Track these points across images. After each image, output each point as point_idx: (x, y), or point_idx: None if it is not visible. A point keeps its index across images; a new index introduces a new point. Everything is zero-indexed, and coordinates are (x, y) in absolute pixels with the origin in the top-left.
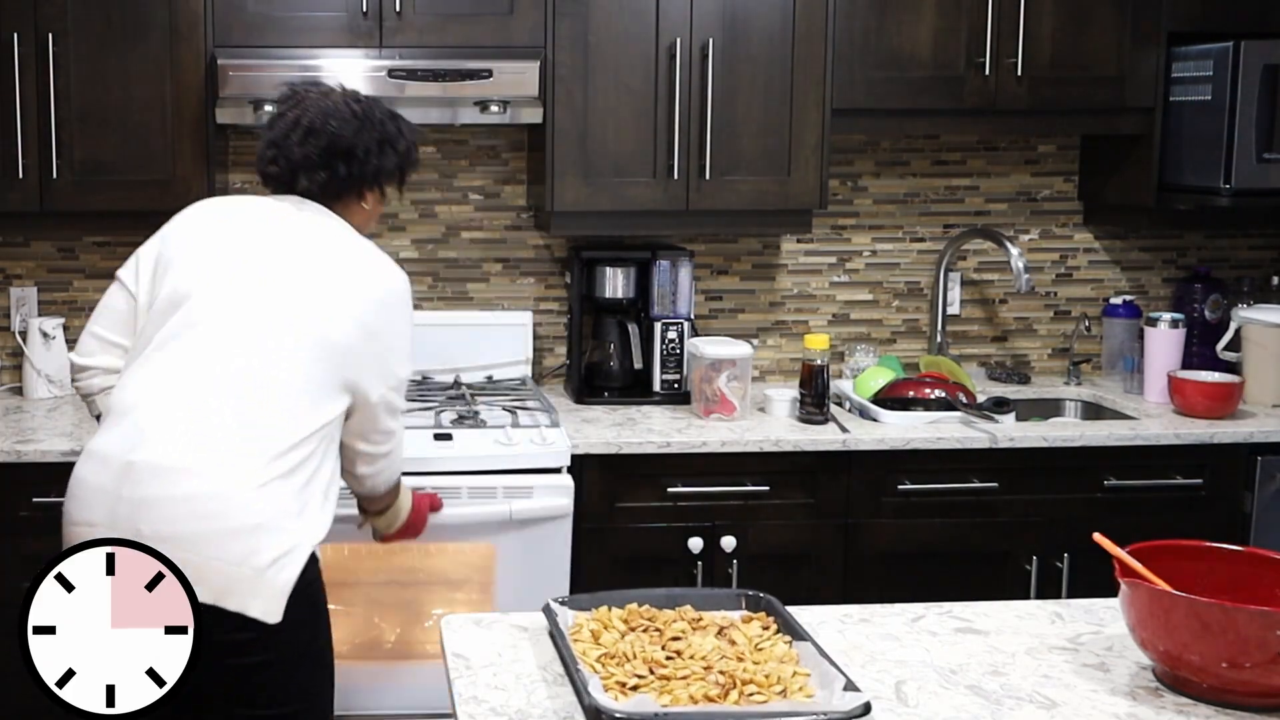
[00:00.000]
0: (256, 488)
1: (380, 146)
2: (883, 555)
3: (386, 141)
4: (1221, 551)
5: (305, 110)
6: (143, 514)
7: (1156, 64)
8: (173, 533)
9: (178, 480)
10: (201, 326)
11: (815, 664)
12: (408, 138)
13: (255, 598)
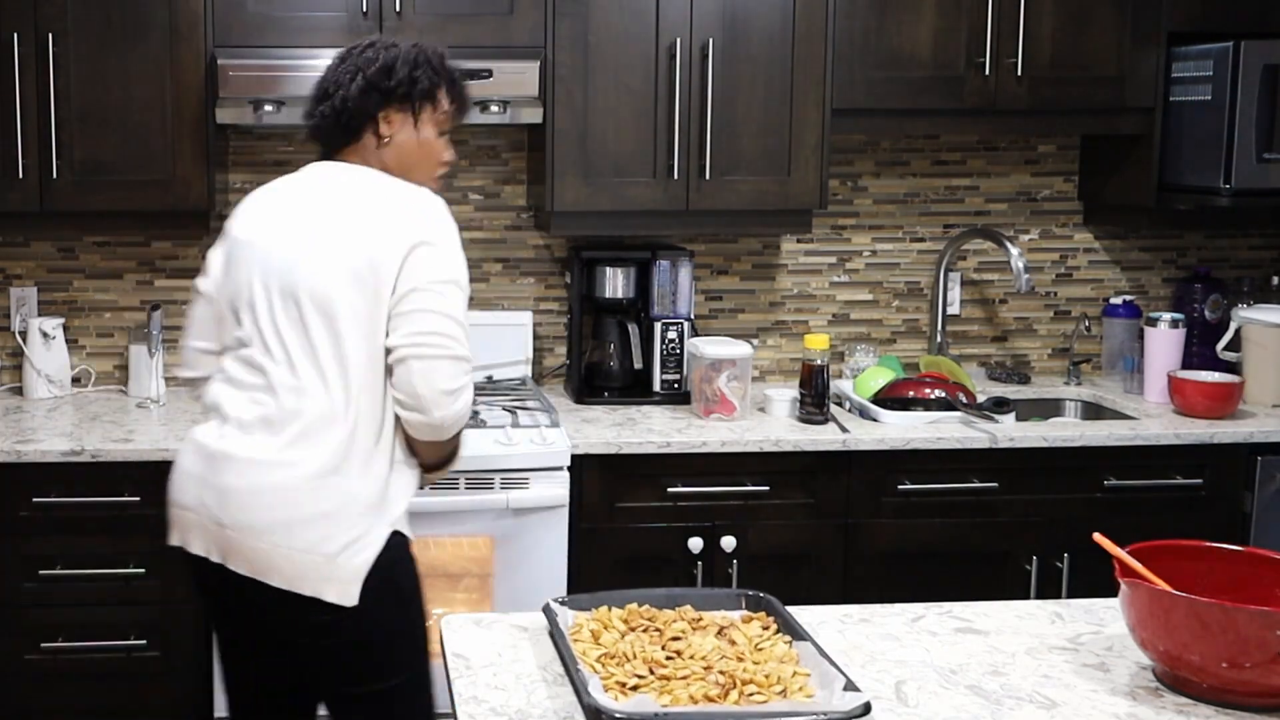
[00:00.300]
0: (323, 476)
1: (354, 77)
2: (883, 555)
3: (360, 71)
4: (1221, 551)
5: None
6: (222, 503)
7: (1156, 64)
8: (247, 522)
9: (250, 472)
10: (263, 321)
11: (815, 664)
12: (404, 60)
13: (329, 582)
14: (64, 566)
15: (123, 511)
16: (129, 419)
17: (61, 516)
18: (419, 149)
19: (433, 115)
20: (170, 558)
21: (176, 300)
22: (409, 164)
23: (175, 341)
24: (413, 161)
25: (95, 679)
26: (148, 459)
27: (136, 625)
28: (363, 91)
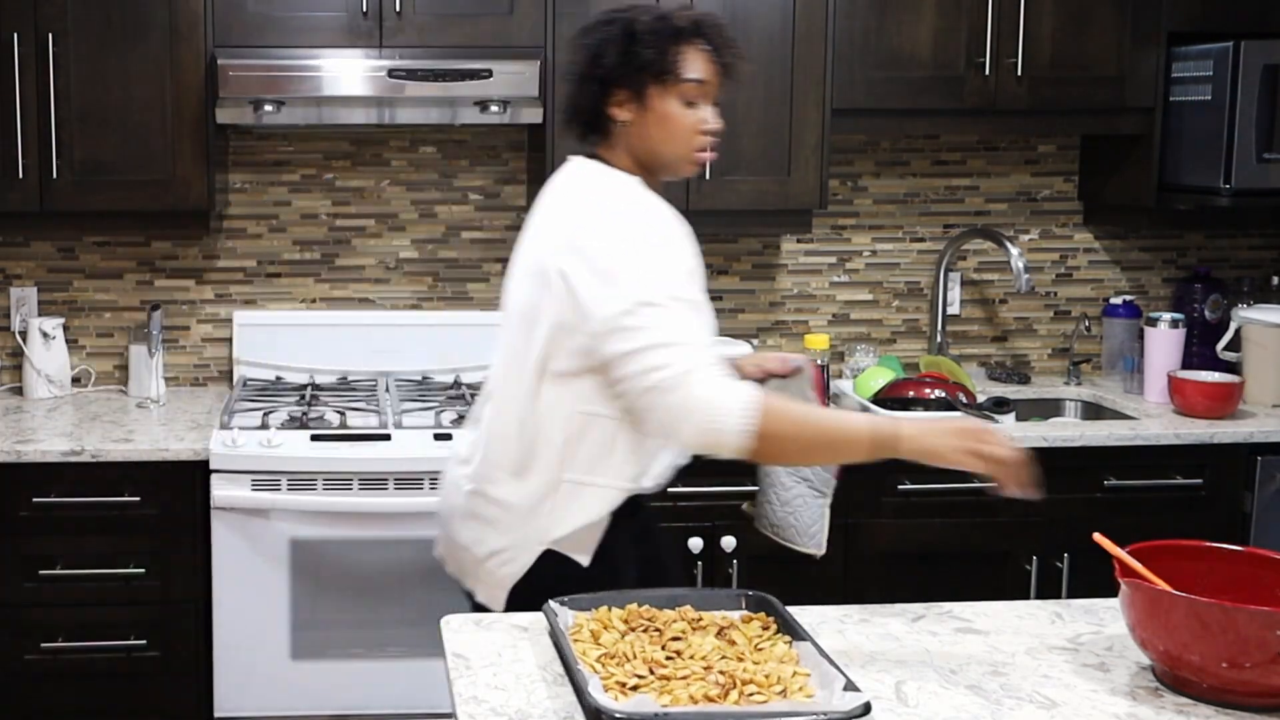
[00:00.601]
0: (478, 481)
1: (590, 53)
2: (883, 555)
3: (590, 49)
4: (1221, 551)
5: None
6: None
7: (1156, 64)
8: (441, 508)
9: (454, 465)
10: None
11: (815, 664)
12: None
13: (480, 584)
14: (64, 566)
15: (123, 511)
16: (129, 419)
17: (61, 516)
18: (659, 127)
19: (666, 88)
20: (170, 557)
21: (176, 300)
22: (652, 147)
23: (175, 341)
24: (654, 144)
25: (95, 679)
26: (148, 459)
27: (136, 625)
28: (579, 87)
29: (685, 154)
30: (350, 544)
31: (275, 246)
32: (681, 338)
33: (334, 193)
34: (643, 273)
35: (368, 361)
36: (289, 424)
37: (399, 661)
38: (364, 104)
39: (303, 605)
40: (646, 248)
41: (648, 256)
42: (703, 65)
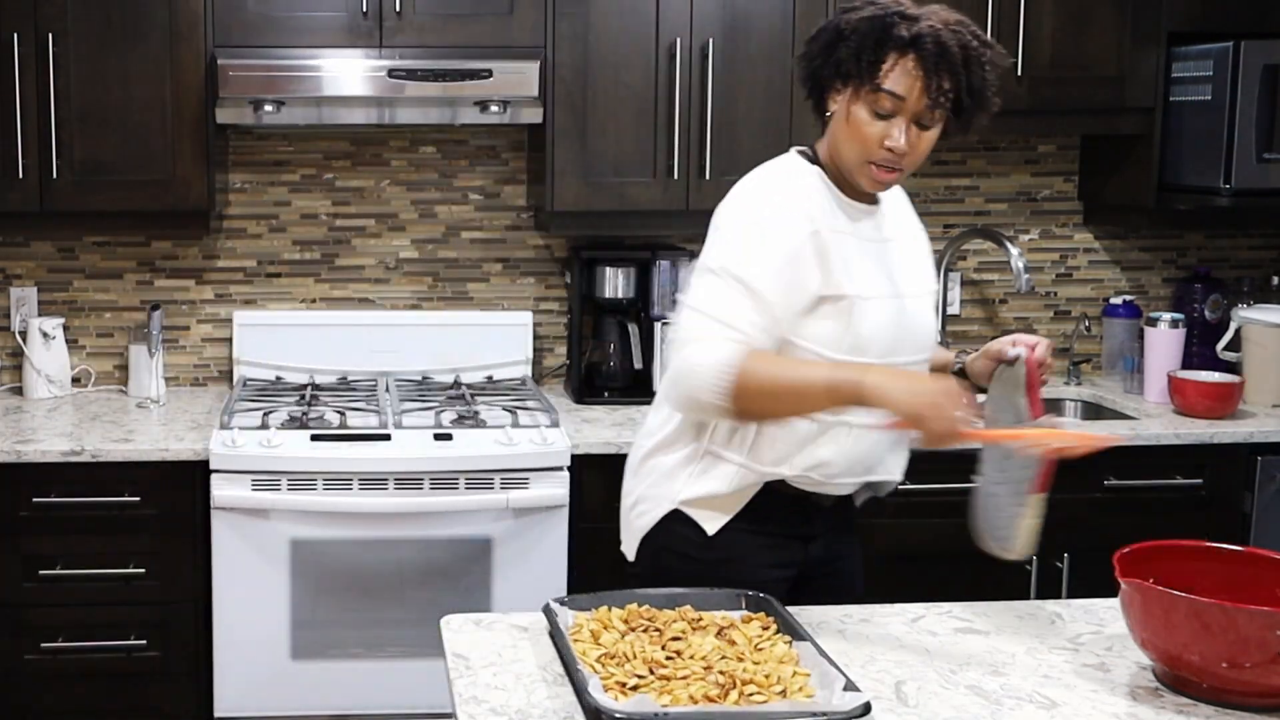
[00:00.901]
0: (640, 439)
1: (812, 38)
2: (883, 555)
3: (813, 40)
4: (1221, 551)
5: None
6: None
7: (1156, 64)
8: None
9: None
10: None
11: (815, 664)
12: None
13: (624, 532)
14: (64, 566)
15: (123, 511)
16: (129, 419)
17: (61, 516)
18: (843, 130)
19: (858, 92)
20: (170, 557)
21: (176, 300)
22: (837, 147)
23: (175, 341)
24: (838, 145)
25: (95, 679)
26: (148, 459)
27: (136, 625)
28: (806, 67)
29: (859, 164)
30: (350, 544)
31: (275, 246)
32: (711, 308)
33: (334, 193)
34: (725, 244)
35: (368, 361)
36: (289, 424)
37: (399, 661)
38: (364, 104)
39: (303, 605)
40: (742, 224)
41: (738, 232)
42: (905, 81)
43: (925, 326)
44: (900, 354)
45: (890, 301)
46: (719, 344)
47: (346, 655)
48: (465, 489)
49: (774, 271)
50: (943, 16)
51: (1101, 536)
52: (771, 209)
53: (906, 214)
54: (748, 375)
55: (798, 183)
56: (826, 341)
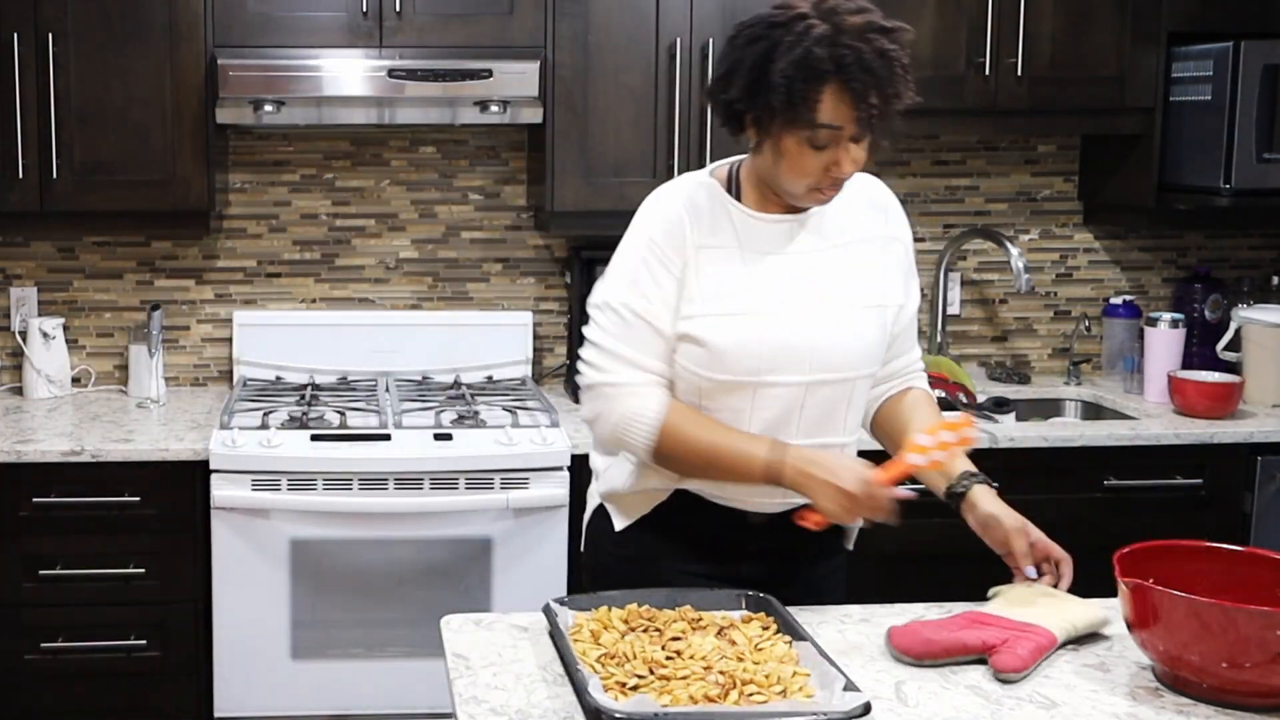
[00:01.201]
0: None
1: (724, 70)
2: (883, 555)
3: (726, 65)
4: (1221, 551)
5: None
6: None
7: (1156, 64)
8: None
9: None
10: None
11: (815, 664)
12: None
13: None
14: (64, 566)
15: (123, 511)
16: (129, 419)
17: (61, 516)
18: (779, 163)
19: (795, 129)
20: (170, 557)
21: (176, 300)
22: (770, 175)
23: (175, 341)
24: (772, 174)
25: (95, 679)
26: (148, 459)
27: (136, 625)
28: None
29: (801, 192)
30: (350, 544)
31: (275, 246)
32: (620, 347)
33: (334, 193)
34: (610, 276)
35: (368, 361)
36: (289, 424)
37: (399, 661)
38: (364, 104)
39: (303, 605)
40: (625, 255)
41: (621, 263)
42: (840, 110)
43: (836, 343)
44: (782, 372)
45: (762, 319)
46: (639, 395)
47: (346, 655)
48: (465, 489)
49: (662, 303)
50: (850, 23)
51: (1101, 536)
52: (649, 235)
53: (861, 218)
54: (670, 437)
55: (676, 205)
56: (692, 359)
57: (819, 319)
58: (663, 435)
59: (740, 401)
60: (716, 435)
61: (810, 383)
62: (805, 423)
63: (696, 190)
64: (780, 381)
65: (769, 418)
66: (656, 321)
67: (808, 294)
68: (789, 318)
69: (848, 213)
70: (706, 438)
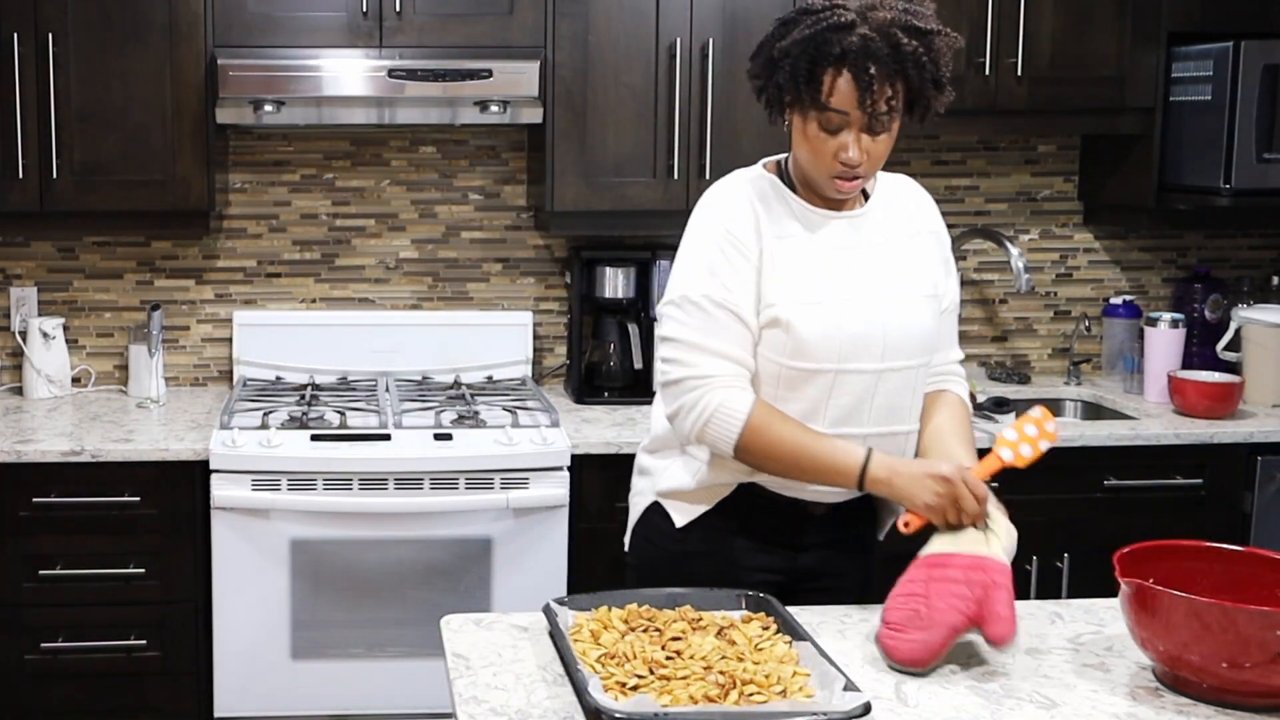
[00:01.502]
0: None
1: (752, 60)
2: (883, 555)
3: (754, 59)
4: (1221, 551)
5: None
6: None
7: (1156, 64)
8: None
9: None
10: None
11: (815, 664)
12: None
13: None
14: (64, 566)
15: (123, 511)
16: (129, 419)
17: (61, 516)
18: (800, 146)
19: (804, 112)
20: (170, 557)
21: (176, 300)
22: (798, 160)
23: (175, 341)
24: (799, 158)
25: (95, 679)
26: (148, 459)
27: (136, 625)
28: (764, 88)
29: (821, 177)
30: (350, 544)
31: (275, 246)
32: (694, 338)
33: (334, 193)
34: (683, 271)
35: (368, 361)
36: (289, 424)
37: (399, 661)
38: (364, 104)
39: (303, 605)
40: (697, 248)
41: (693, 256)
42: (845, 96)
43: (904, 331)
44: (859, 360)
45: (839, 306)
46: (726, 390)
47: (346, 655)
48: (465, 489)
49: (743, 292)
50: (879, 18)
51: (1101, 536)
52: (722, 226)
53: (907, 214)
54: (758, 434)
55: (744, 198)
56: (774, 347)
57: (888, 308)
58: (750, 432)
59: (819, 390)
60: (805, 436)
61: (883, 370)
62: (876, 410)
63: (759, 182)
64: (857, 369)
65: (845, 404)
66: (740, 310)
67: (875, 283)
68: (863, 305)
69: (892, 209)
70: (794, 437)
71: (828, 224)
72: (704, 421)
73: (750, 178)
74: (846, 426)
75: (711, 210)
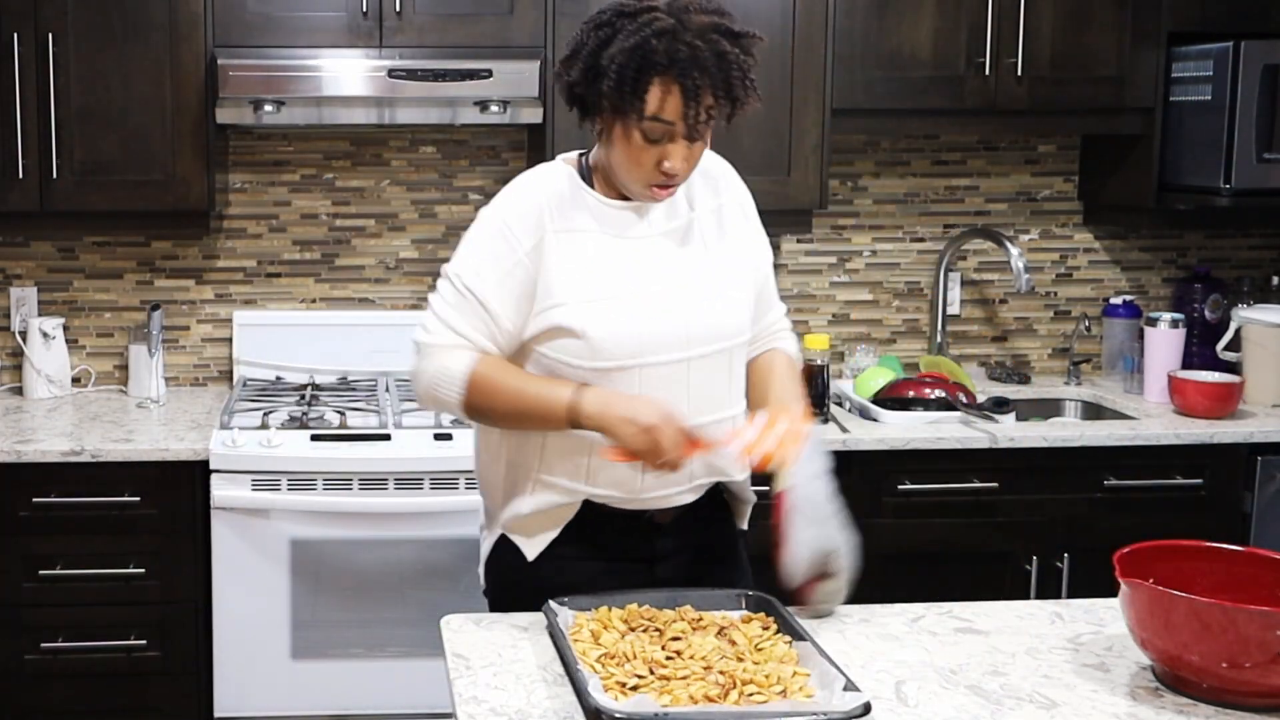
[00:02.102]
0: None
1: (565, 57)
2: (883, 555)
3: (569, 62)
4: (1221, 551)
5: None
6: None
7: (1156, 64)
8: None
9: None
10: None
11: (815, 664)
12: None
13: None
14: (64, 566)
15: (123, 511)
16: (129, 419)
17: (61, 516)
18: (616, 154)
19: (626, 121)
20: (170, 557)
21: (176, 300)
22: (611, 166)
23: (175, 341)
24: (613, 165)
25: (95, 679)
26: (148, 459)
27: (136, 625)
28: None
29: (638, 187)
30: (350, 544)
31: (275, 246)
32: (448, 315)
33: (334, 193)
34: (459, 249)
35: (368, 361)
36: (289, 424)
37: (399, 661)
38: (364, 104)
39: (303, 605)
40: (475, 231)
41: (470, 238)
42: (670, 106)
43: (709, 319)
44: (658, 353)
45: (635, 301)
46: (453, 353)
47: (346, 655)
48: (465, 489)
49: (496, 284)
50: (697, 22)
51: (1101, 536)
52: (503, 217)
53: (707, 190)
54: (478, 388)
55: (535, 190)
56: (567, 350)
57: (686, 294)
58: (471, 387)
59: (625, 385)
60: (524, 381)
61: (691, 358)
62: (694, 399)
63: (556, 177)
64: (658, 361)
65: (659, 398)
66: (487, 301)
67: (670, 271)
68: (657, 297)
69: (690, 189)
70: (514, 384)
71: (620, 215)
72: (430, 383)
73: (550, 171)
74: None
75: (500, 199)
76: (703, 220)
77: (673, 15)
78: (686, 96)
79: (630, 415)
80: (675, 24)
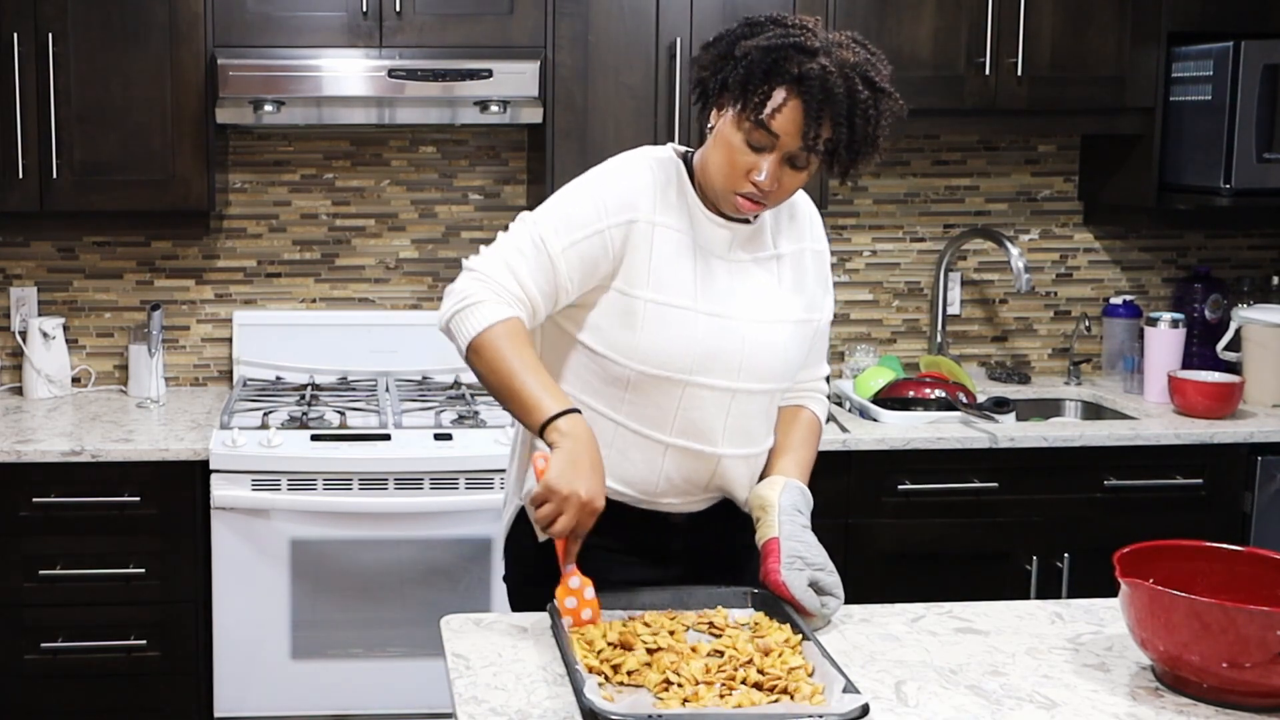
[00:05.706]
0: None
1: (702, 56)
2: (883, 555)
3: (707, 49)
4: (1221, 551)
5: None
6: None
7: (1156, 64)
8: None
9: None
10: None
11: (815, 664)
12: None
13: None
14: (64, 566)
15: (123, 511)
16: (129, 419)
17: (61, 516)
18: (714, 149)
19: (737, 118)
20: (170, 557)
21: (176, 300)
22: (706, 163)
23: (175, 341)
24: (707, 161)
25: (95, 679)
26: (148, 459)
27: (136, 625)
28: (694, 73)
29: (725, 189)
30: (350, 544)
31: (275, 246)
32: (511, 257)
33: (334, 193)
34: (550, 202)
35: (368, 361)
36: (289, 424)
37: (399, 661)
38: (364, 104)
39: (303, 605)
40: (571, 191)
41: (564, 196)
42: (785, 119)
43: (764, 353)
44: (711, 374)
45: (705, 319)
46: (494, 298)
47: (346, 655)
48: (465, 489)
49: (571, 244)
50: (842, 56)
51: (1101, 536)
52: (602, 186)
53: (794, 231)
54: (490, 343)
55: (645, 171)
56: (602, 336)
57: (750, 328)
58: (486, 337)
59: (667, 399)
60: (529, 368)
61: (737, 390)
62: (731, 429)
63: (668, 167)
64: (708, 384)
65: (694, 419)
66: (556, 259)
67: (743, 300)
68: (728, 322)
69: (776, 224)
70: (518, 364)
71: (711, 229)
72: (460, 306)
73: (664, 158)
74: (697, 442)
75: (610, 166)
76: (784, 260)
77: (821, 40)
78: (808, 115)
79: (570, 470)
80: (820, 48)
